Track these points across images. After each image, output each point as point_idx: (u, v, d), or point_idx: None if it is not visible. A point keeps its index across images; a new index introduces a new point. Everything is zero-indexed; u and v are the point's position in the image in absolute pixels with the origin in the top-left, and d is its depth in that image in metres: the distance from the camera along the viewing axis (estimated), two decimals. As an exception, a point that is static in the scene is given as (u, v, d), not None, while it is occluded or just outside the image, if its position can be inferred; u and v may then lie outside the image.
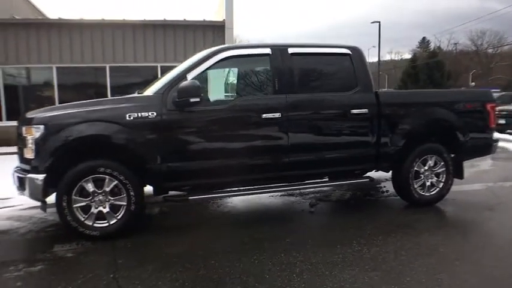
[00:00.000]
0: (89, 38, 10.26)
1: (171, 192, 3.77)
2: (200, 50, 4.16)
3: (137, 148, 3.40)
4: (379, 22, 29.42)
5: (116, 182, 3.37)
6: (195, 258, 2.99)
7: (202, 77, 3.88)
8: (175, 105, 3.47)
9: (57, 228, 3.72)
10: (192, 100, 3.38)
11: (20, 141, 3.50)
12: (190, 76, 3.58)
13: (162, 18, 10.71)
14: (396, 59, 65.05)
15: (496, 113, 14.49)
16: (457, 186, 5.05)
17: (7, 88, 9.96)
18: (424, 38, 53.08)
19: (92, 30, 10.27)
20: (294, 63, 3.90)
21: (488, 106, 4.57)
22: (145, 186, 3.71)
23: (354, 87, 4.05)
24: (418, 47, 52.79)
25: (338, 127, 4.01)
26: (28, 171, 3.35)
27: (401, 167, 4.26)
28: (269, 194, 4.96)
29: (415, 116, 4.24)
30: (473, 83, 37.58)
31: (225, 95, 6.80)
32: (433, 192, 4.39)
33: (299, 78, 3.97)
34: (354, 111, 3.96)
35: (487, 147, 4.68)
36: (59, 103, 9.01)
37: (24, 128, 3.40)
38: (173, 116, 3.48)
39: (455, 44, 46.99)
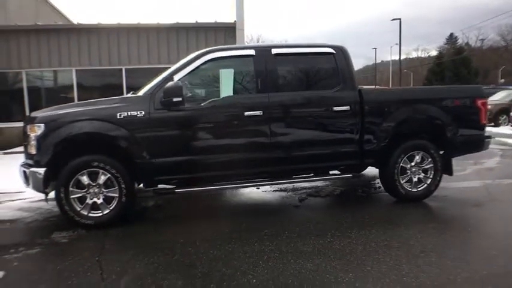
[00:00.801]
0: (105, 42, 10.79)
1: (161, 186, 4.03)
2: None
3: (127, 144, 3.68)
4: (399, 19, 28.80)
5: (108, 175, 3.68)
6: (174, 246, 3.24)
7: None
8: (162, 105, 3.74)
9: (59, 218, 4.06)
10: (175, 100, 3.63)
11: (25, 139, 3.86)
12: (176, 77, 3.83)
13: (175, 21, 11.07)
14: (423, 56, 63.44)
15: (515, 110, 13.76)
16: (453, 183, 5.08)
17: (30, 91, 10.64)
18: (451, 34, 51.46)
19: (109, 34, 10.77)
20: (278, 63, 4.07)
21: (479, 102, 4.55)
22: (138, 181, 4.01)
23: (337, 85, 4.17)
24: (445, 44, 51.26)
25: (320, 124, 4.13)
26: (31, 166, 3.70)
27: (387, 163, 4.34)
28: (262, 189, 5.16)
29: (399, 113, 4.28)
30: (502, 80, 36.07)
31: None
32: (420, 188, 4.44)
33: (282, 78, 4.15)
34: (336, 108, 4.08)
35: (478, 144, 4.66)
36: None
37: (28, 126, 3.76)
38: (160, 115, 3.75)
39: (483, 40, 45.24)
